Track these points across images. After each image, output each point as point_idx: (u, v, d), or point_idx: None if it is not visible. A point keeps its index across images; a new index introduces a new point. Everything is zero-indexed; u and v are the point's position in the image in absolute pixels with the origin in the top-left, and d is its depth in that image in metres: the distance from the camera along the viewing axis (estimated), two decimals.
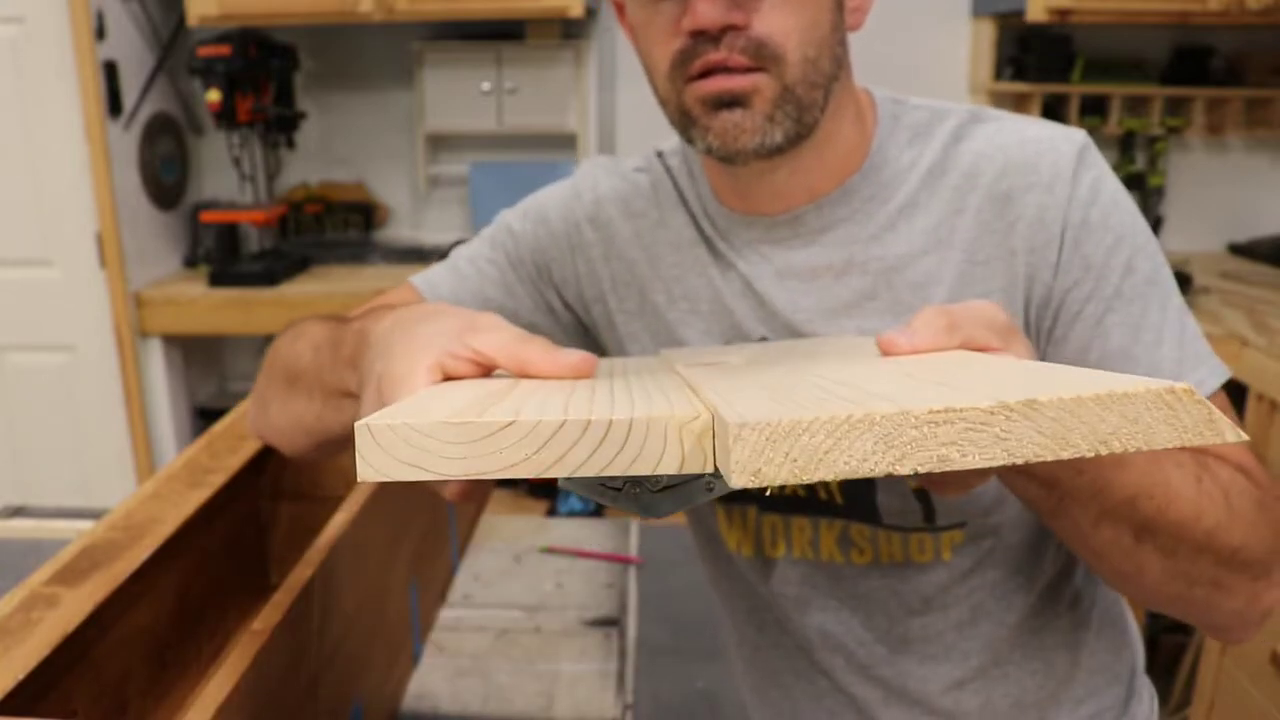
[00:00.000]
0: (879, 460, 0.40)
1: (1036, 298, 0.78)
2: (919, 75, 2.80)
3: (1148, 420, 0.41)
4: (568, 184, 0.97)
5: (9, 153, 2.55)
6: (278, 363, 0.83)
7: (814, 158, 0.80)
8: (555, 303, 0.95)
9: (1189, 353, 0.77)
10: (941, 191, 0.81)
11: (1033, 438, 0.40)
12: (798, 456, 0.40)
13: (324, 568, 0.89)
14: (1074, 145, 0.79)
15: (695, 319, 0.88)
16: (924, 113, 0.84)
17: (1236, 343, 2.03)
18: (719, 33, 0.72)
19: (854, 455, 0.40)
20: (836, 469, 0.40)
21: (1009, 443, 0.40)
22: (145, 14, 2.71)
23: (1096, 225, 0.77)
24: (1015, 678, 0.88)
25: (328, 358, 0.73)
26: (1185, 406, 0.41)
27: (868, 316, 0.81)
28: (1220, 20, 2.50)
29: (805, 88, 0.74)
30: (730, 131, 0.74)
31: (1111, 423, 0.41)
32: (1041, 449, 0.40)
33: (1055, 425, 0.40)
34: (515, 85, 2.88)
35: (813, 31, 0.74)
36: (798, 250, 0.83)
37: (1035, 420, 0.40)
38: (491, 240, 0.98)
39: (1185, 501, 0.67)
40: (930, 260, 0.80)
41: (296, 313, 2.94)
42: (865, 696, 0.90)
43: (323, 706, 0.90)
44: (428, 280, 0.97)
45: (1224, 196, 2.90)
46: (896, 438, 0.40)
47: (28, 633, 0.78)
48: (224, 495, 1.10)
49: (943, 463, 0.40)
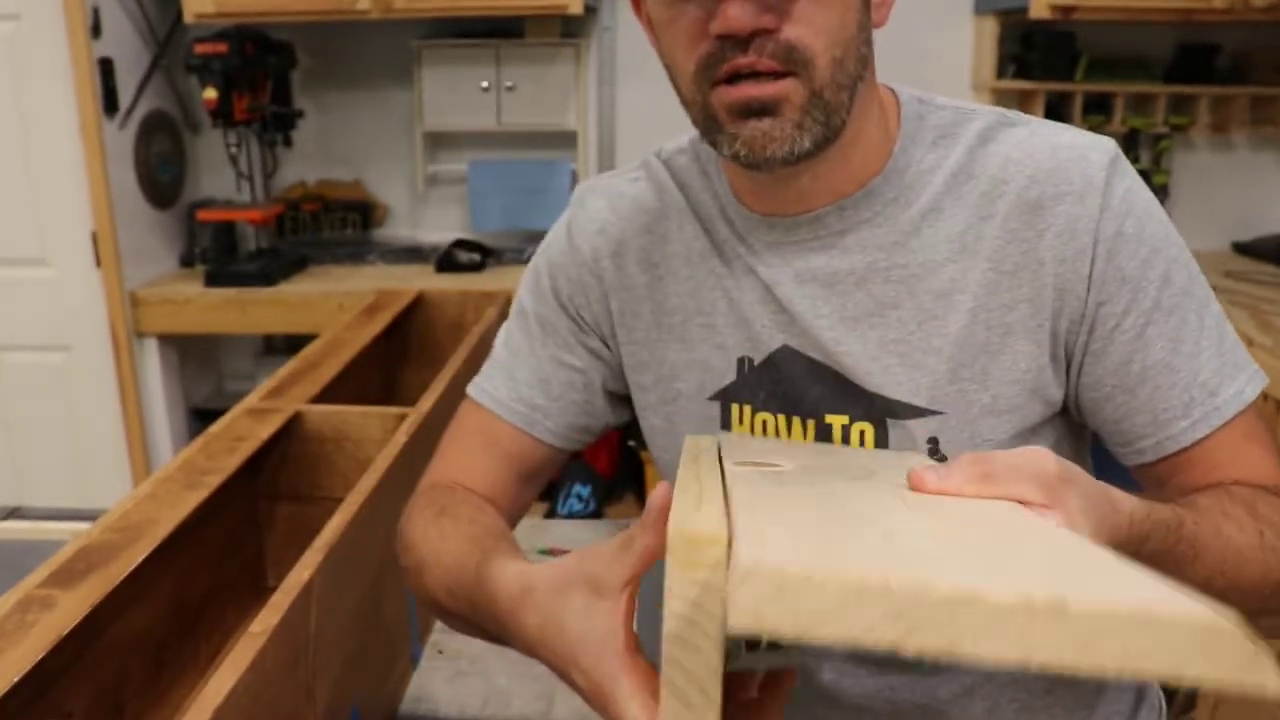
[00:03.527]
0: (885, 632, 0.38)
1: (1068, 310, 0.77)
2: (921, 73, 2.79)
3: (1185, 650, 0.38)
4: (568, 222, 0.94)
5: (4, 151, 2.54)
6: (421, 592, 0.83)
7: (838, 159, 0.78)
8: (597, 345, 0.93)
9: (1228, 361, 0.77)
10: (967, 196, 0.79)
11: (1056, 645, 0.37)
12: (802, 614, 0.38)
13: (322, 569, 0.89)
14: (1106, 155, 0.77)
15: (711, 333, 0.86)
16: (949, 113, 0.82)
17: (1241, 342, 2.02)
18: (748, 36, 0.70)
19: (860, 623, 0.38)
20: (839, 633, 0.38)
21: (1029, 644, 0.37)
22: (141, 11, 2.70)
23: (1131, 237, 0.76)
24: (1024, 684, 0.87)
25: (471, 613, 0.74)
26: (1227, 644, 0.38)
27: (890, 326, 0.80)
28: (1225, 18, 2.49)
29: (833, 90, 0.73)
30: (759, 140, 0.72)
31: (1144, 644, 0.38)
32: (1063, 657, 0.37)
33: (1081, 635, 0.37)
34: (514, 83, 2.87)
35: (841, 32, 0.72)
36: (818, 253, 0.81)
37: (1061, 626, 0.37)
38: (520, 316, 0.95)
39: (1254, 566, 0.69)
40: (955, 268, 0.78)
41: (294, 312, 2.92)
42: (872, 706, 0.88)
43: (321, 709, 0.90)
44: (488, 394, 0.94)
45: (1228, 195, 2.89)
46: (909, 613, 0.38)
47: (23, 635, 0.77)
48: (221, 496, 1.09)
49: (952, 648, 0.38)
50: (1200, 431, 0.76)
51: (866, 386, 0.80)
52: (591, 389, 0.93)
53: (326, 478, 1.32)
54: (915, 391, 0.79)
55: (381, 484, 1.06)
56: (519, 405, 0.92)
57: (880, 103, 0.81)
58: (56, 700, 0.81)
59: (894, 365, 0.79)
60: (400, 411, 1.30)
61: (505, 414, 0.92)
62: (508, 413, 0.92)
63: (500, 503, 0.91)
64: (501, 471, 0.92)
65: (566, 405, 0.92)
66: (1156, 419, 0.77)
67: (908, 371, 0.79)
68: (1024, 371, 0.78)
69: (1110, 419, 0.79)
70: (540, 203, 2.88)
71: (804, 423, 0.83)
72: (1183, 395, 0.76)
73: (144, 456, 2.74)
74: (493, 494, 0.91)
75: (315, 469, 1.31)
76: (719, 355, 0.86)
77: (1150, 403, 0.77)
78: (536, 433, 0.92)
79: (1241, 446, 0.76)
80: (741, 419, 0.86)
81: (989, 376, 0.78)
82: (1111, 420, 0.79)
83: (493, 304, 1.98)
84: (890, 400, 0.79)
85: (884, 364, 0.80)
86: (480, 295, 2.06)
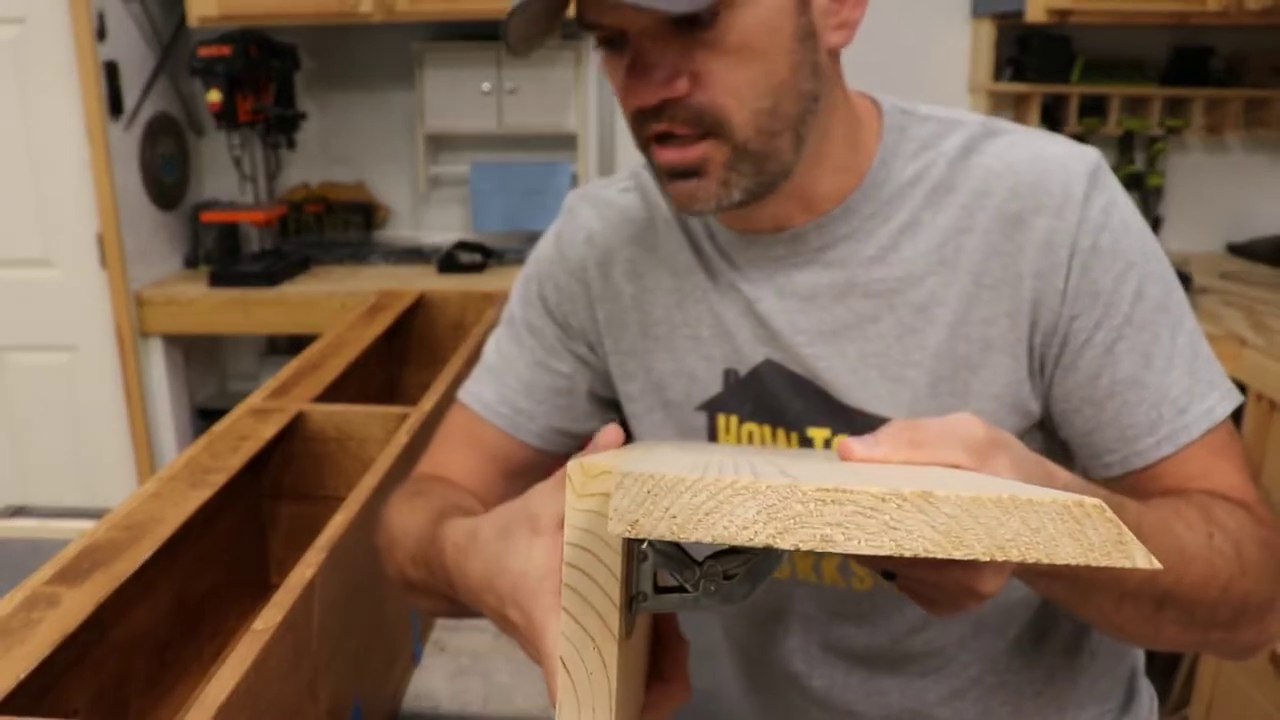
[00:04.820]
0: (759, 530, 0.39)
1: (1043, 323, 0.76)
2: (918, 76, 2.80)
3: (1051, 531, 0.39)
4: (557, 231, 0.95)
5: (10, 153, 2.55)
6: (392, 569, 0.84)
7: (804, 184, 0.78)
8: (583, 351, 0.94)
9: (1200, 379, 0.76)
10: (947, 209, 0.78)
11: (924, 532, 0.39)
12: (677, 513, 0.39)
13: (324, 568, 0.90)
14: (1086, 166, 0.76)
15: (696, 345, 0.86)
16: (932, 124, 0.81)
17: (1235, 343, 2.03)
18: (659, 106, 0.70)
19: (734, 521, 0.39)
20: (715, 532, 0.39)
21: (898, 533, 0.39)
22: (146, 14, 2.71)
23: (1106, 251, 0.75)
24: (1015, 686, 0.87)
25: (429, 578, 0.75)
26: (1093, 523, 0.40)
27: (870, 340, 0.79)
28: (1219, 21, 2.50)
29: (762, 140, 0.72)
30: (685, 198, 0.73)
31: (1011, 528, 0.39)
32: (933, 544, 0.39)
33: (950, 522, 0.39)
34: (515, 85, 2.88)
35: (765, 81, 0.70)
36: (798, 269, 0.81)
37: (929, 514, 0.39)
38: (509, 323, 0.97)
39: (1200, 564, 0.67)
40: (934, 281, 0.78)
41: (297, 313, 2.92)
42: (864, 710, 0.89)
43: (323, 706, 0.91)
44: (475, 397, 0.96)
45: (1223, 197, 2.89)
46: (780, 510, 0.39)
47: (29, 632, 0.78)
48: (224, 495, 1.10)
49: (825, 543, 0.39)
50: (1166, 449, 0.75)
51: (846, 401, 0.80)
52: (576, 394, 0.94)
53: (329, 477, 1.33)
54: (895, 405, 0.78)
55: (383, 483, 1.07)
56: (504, 408, 0.93)
57: (855, 117, 0.80)
58: (61, 697, 0.81)
59: (874, 379, 0.79)
60: (402, 411, 1.31)
61: (490, 416, 0.94)
62: (493, 415, 0.94)
63: (482, 497, 0.92)
64: (485, 469, 0.94)
65: (550, 409, 0.93)
66: (1123, 434, 0.76)
67: (888, 385, 0.79)
68: (1004, 386, 0.77)
69: (1079, 432, 0.78)
70: (541, 204, 2.89)
71: (788, 435, 0.83)
72: (1150, 413, 0.75)
73: (148, 455, 2.75)
74: (474, 488, 0.92)
75: (318, 468, 1.32)
76: (706, 366, 0.86)
77: (1118, 418, 0.76)
78: (520, 435, 0.93)
79: (1209, 464, 0.75)
80: (729, 429, 0.86)
81: (969, 390, 0.78)
82: (1080, 434, 0.78)
83: (494, 305, 1.98)
84: (870, 415, 0.79)
85: (864, 378, 0.79)
86: (481, 296, 2.07)
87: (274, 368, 1.95)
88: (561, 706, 0.49)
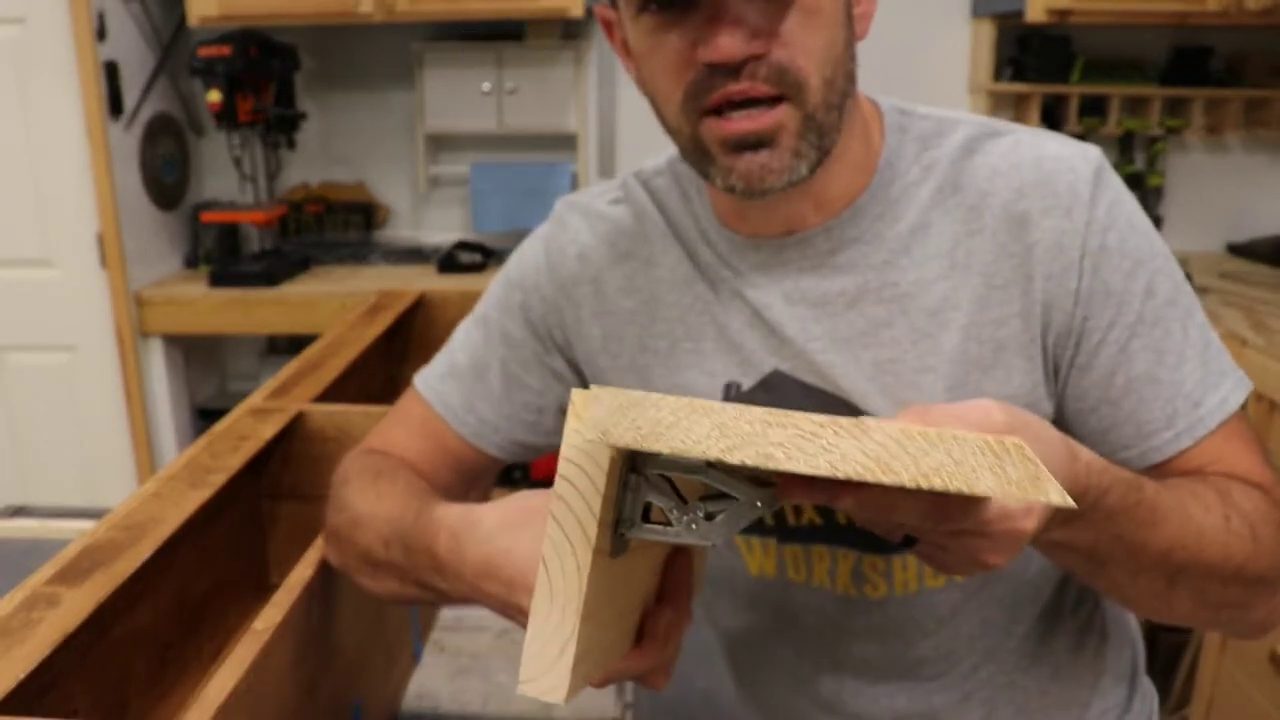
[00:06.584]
0: (712, 444, 0.44)
1: (1056, 325, 0.77)
2: (918, 76, 2.80)
3: (972, 464, 0.43)
4: (545, 239, 0.93)
5: (10, 153, 2.55)
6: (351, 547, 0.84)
7: (826, 177, 0.77)
8: (560, 366, 0.92)
9: (1211, 369, 0.77)
10: (954, 211, 0.78)
11: (857, 456, 0.43)
12: (642, 425, 0.45)
13: (324, 567, 0.90)
14: (1090, 165, 0.77)
15: (698, 359, 0.85)
16: (931, 122, 0.81)
17: (1236, 343, 2.03)
18: (740, 64, 0.69)
19: (690, 435, 0.45)
20: (673, 443, 0.45)
21: (833, 455, 0.43)
22: (146, 14, 2.71)
23: (1114, 250, 0.75)
24: (1021, 685, 0.87)
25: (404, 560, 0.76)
26: (1012, 460, 0.43)
27: (884, 346, 0.79)
28: (1219, 21, 2.50)
29: (825, 111, 0.71)
30: (755, 173, 0.71)
31: (936, 459, 0.43)
32: (863, 469, 0.43)
33: (880, 450, 0.43)
34: (515, 85, 2.88)
35: (830, 51, 0.71)
36: (807, 274, 0.80)
37: (861, 441, 0.43)
38: (484, 325, 0.95)
39: (1216, 545, 0.69)
40: (946, 285, 0.78)
41: (297, 313, 2.92)
42: (871, 714, 0.88)
43: (323, 706, 0.91)
44: (435, 391, 0.94)
45: (1223, 197, 2.90)
46: (731, 429, 0.44)
47: (29, 632, 0.78)
48: (225, 495, 1.10)
49: (768, 460, 0.43)
50: (1184, 443, 0.76)
51: (862, 409, 0.79)
52: (545, 411, 0.93)
53: (329, 477, 1.31)
54: None
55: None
56: (470, 417, 0.93)
57: (863, 116, 0.80)
58: (61, 697, 0.81)
59: (890, 385, 0.79)
60: None
61: (455, 424, 0.93)
62: (458, 423, 0.93)
63: (433, 485, 0.90)
64: (441, 463, 0.93)
65: (517, 424, 0.93)
66: (1140, 430, 0.77)
67: (904, 391, 0.78)
68: (1017, 386, 0.77)
69: (1095, 429, 0.78)
70: (541, 204, 2.86)
71: None
72: (1166, 408, 0.76)
73: (148, 455, 2.75)
74: (428, 477, 0.92)
75: (318, 468, 1.32)
76: (705, 381, 0.84)
77: (1134, 415, 0.76)
78: (483, 445, 0.93)
79: (1225, 450, 0.76)
80: None
81: (982, 392, 0.77)
82: (1097, 431, 0.78)
83: None
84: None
85: (879, 385, 0.79)
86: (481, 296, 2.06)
87: (274, 368, 1.96)
88: (536, 600, 0.53)
